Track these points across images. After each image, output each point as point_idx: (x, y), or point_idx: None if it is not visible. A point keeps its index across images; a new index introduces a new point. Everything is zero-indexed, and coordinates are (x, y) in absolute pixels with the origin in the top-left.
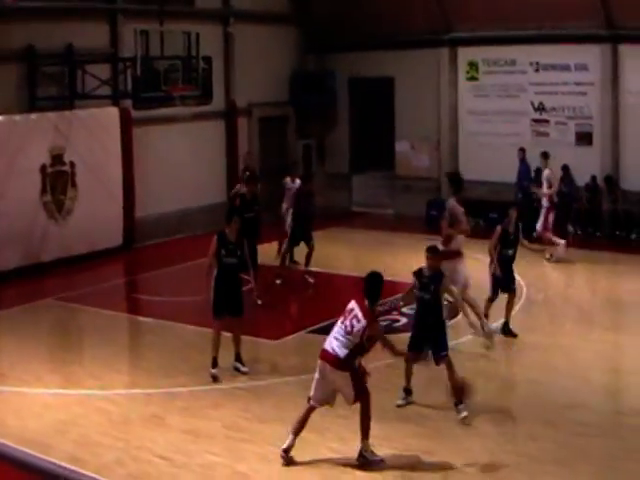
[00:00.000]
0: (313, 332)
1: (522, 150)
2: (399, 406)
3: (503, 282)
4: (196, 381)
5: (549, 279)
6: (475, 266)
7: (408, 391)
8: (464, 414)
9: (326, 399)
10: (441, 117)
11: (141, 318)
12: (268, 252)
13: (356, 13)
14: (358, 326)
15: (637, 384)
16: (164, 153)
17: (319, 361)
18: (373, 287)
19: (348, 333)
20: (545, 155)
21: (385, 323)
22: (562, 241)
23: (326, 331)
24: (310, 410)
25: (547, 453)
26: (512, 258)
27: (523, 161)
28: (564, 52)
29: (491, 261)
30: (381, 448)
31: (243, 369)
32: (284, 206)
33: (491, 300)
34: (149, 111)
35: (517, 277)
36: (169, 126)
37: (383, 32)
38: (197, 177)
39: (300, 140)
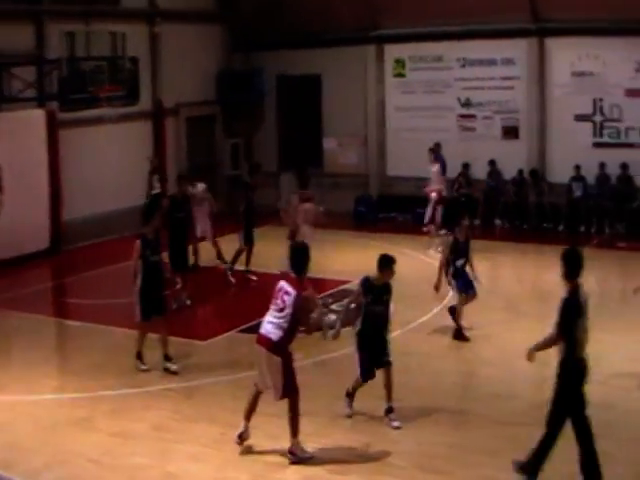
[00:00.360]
0: (244, 331)
1: (437, 145)
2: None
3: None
4: (125, 383)
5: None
6: (403, 260)
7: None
8: (396, 424)
9: (267, 383)
10: (368, 114)
11: (69, 322)
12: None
13: (282, 11)
14: (289, 299)
15: None
16: (91, 155)
17: (256, 346)
18: (298, 259)
19: (281, 310)
20: (432, 149)
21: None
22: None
23: (256, 330)
24: (256, 395)
25: (477, 443)
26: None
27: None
28: (491, 47)
29: (445, 274)
30: (311, 444)
31: (173, 368)
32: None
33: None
34: (76, 113)
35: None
36: (96, 127)
37: (310, 30)
38: (125, 178)
39: (228, 139)
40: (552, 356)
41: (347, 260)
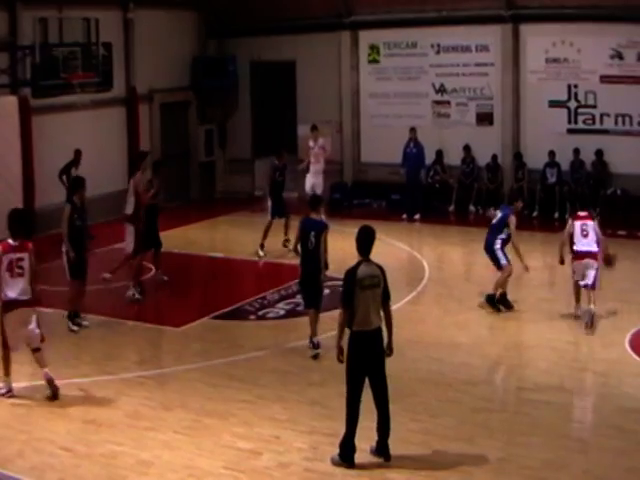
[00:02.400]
0: (217, 318)
1: (413, 130)
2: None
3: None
4: (98, 371)
5: (451, 258)
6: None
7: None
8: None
9: None
10: (343, 100)
11: (41, 309)
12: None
13: None
14: None
15: (538, 359)
16: (64, 141)
17: None
18: None
19: None
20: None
21: (289, 307)
22: None
23: (230, 316)
24: None
25: (450, 430)
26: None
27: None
28: (465, 33)
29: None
30: (286, 431)
31: (85, 322)
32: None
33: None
34: (48, 99)
35: (420, 257)
36: (69, 114)
37: (284, 16)
38: (98, 165)
39: (202, 125)
40: (524, 343)
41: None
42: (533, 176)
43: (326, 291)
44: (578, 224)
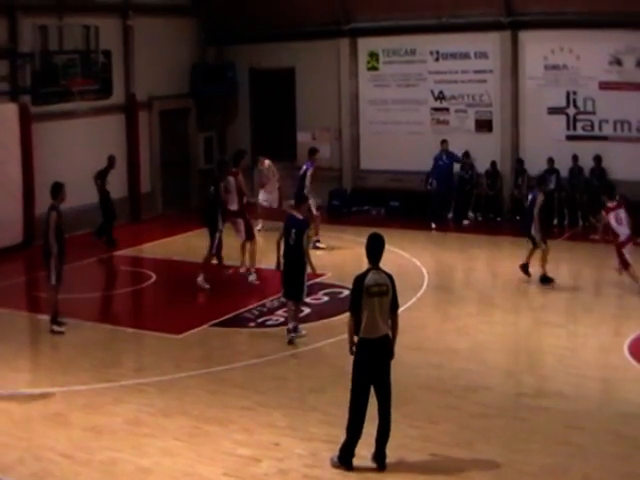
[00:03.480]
0: (217, 325)
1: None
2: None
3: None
4: (98, 378)
5: (450, 264)
6: None
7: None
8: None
9: None
10: (342, 107)
11: (41, 316)
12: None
13: (255, 4)
14: None
15: (537, 365)
16: (64, 149)
17: None
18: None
19: None
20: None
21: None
22: None
23: (230, 323)
24: None
25: (449, 436)
26: None
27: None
28: (464, 40)
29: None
30: (285, 437)
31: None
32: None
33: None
34: (48, 106)
35: (419, 264)
36: (69, 121)
37: (283, 23)
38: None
39: (201, 132)
40: (523, 349)
41: (321, 253)
42: (533, 182)
43: (325, 298)
44: (612, 215)
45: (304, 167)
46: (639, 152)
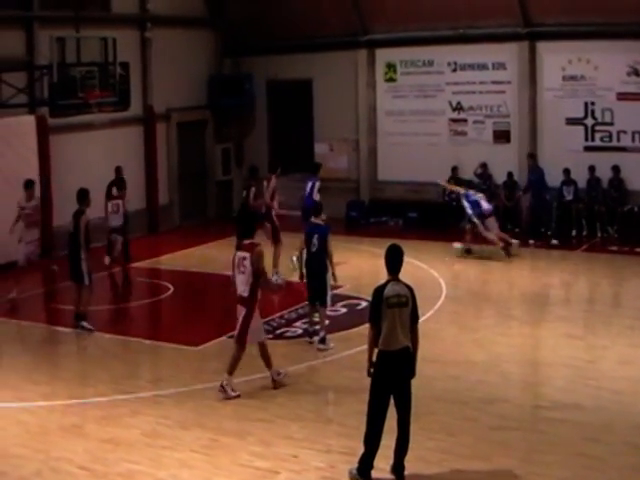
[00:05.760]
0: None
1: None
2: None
3: None
4: (115, 390)
5: (468, 276)
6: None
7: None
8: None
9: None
10: (359, 118)
11: (59, 328)
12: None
13: (272, 16)
14: (246, 262)
15: (555, 377)
16: (82, 161)
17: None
18: (245, 225)
19: (243, 273)
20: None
21: (306, 326)
22: None
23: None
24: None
25: (467, 448)
26: None
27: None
28: (482, 51)
29: None
30: (303, 450)
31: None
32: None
33: None
34: (66, 118)
35: (436, 274)
36: (87, 133)
37: (300, 34)
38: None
39: (218, 144)
40: (541, 361)
41: (339, 265)
42: (550, 194)
43: (343, 310)
44: None
45: (309, 183)
46: None
